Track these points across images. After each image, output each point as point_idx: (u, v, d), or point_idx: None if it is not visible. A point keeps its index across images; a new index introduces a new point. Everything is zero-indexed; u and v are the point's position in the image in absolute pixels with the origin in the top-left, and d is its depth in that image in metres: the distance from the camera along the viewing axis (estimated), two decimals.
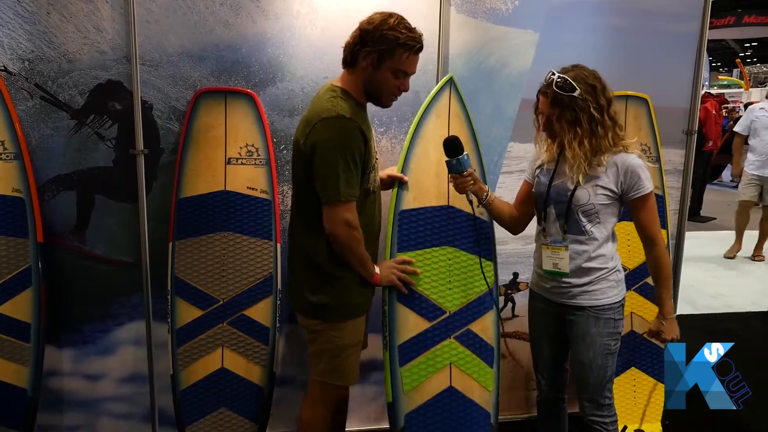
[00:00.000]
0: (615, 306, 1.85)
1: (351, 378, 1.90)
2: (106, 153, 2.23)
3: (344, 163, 1.67)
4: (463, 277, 2.06)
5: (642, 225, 1.85)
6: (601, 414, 1.88)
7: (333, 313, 1.81)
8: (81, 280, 2.28)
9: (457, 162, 1.85)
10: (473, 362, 2.04)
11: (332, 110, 1.68)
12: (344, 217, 1.71)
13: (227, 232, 2.21)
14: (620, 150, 1.78)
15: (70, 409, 2.37)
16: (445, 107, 2.14)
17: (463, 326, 2.05)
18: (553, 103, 1.75)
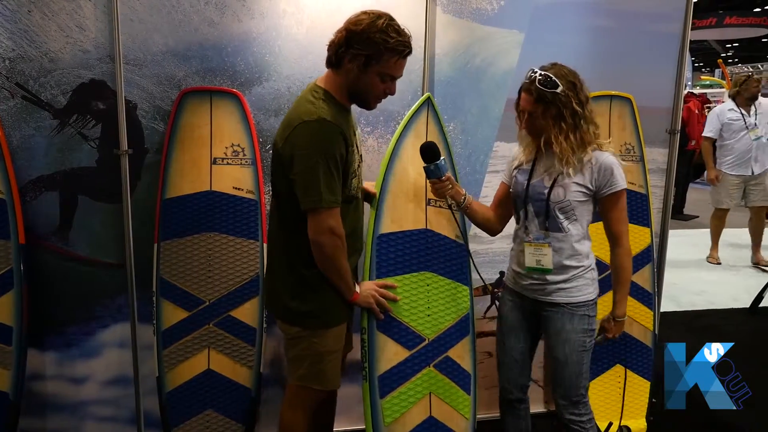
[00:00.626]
0: (589, 303, 1.88)
1: (332, 382, 1.87)
2: (90, 153, 2.20)
3: (326, 168, 1.61)
4: (441, 302, 2.05)
5: (610, 224, 1.87)
6: (577, 412, 1.90)
7: (315, 320, 1.77)
8: (64, 281, 2.25)
9: (435, 167, 1.88)
10: (452, 390, 2.01)
11: (313, 113, 1.63)
12: (328, 224, 1.65)
13: (213, 233, 2.20)
14: (594, 148, 1.82)
15: (53, 412, 2.34)
16: (422, 127, 2.14)
17: (441, 353, 2.02)
18: (537, 100, 1.77)
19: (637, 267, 2.56)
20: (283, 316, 1.81)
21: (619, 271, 1.90)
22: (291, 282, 1.77)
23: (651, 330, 2.58)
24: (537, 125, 1.81)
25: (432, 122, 2.14)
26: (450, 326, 2.03)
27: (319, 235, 1.67)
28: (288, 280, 1.78)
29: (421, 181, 2.06)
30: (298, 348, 1.81)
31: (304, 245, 1.71)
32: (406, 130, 2.11)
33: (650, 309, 2.58)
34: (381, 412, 1.96)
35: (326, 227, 1.66)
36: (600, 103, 2.52)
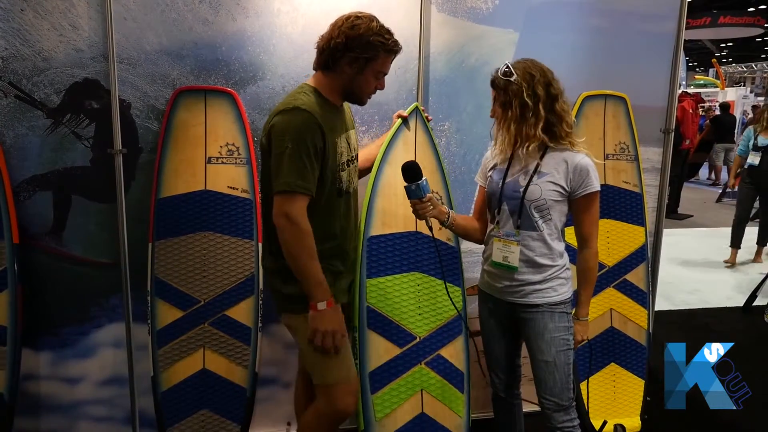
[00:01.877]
0: (566, 301, 1.88)
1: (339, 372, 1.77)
2: (84, 153, 2.19)
3: (295, 153, 1.62)
4: (431, 302, 2.06)
5: (582, 225, 1.88)
6: (568, 418, 1.88)
7: (302, 304, 1.71)
8: (58, 281, 2.25)
9: (417, 187, 1.85)
10: (444, 388, 2.02)
11: (290, 104, 1.68)
12: (285, 209, 1.62)
13: (208, 232, 2.19)
14: (566, 147, 1.82)
15: (48, 413, 2.33)
16: (411, 135, 2.17)
17: (433, 352, 2.04)
18: (492, 85, 1.84)
19: (631, 266, 2.58)
20: (277, 305, 1.82)
21: (587, 272, 1.90)
22: (278, 268, 1.76)
23: (645, 329, 2.59)
24: (495, 114, 1.86)
25: (421, 131, 2.17)
26: (442, 325, 2.04)
27: (276, 218, 1.64)
28: (276, 268, 1.77)
29: None
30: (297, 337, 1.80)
31: None
32: (395, 138, 2.15)
33: (644, 308, 2.59)
34: (372, 407, 1.98)
35: (282, 211, 1.62)
36: (594, 102, 2.53)
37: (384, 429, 1.96)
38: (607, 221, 2.56)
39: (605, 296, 2.55)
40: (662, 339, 3.57)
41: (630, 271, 2.57)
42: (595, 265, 1.91)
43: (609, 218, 2.56)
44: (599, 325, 2.55)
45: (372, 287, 2.03)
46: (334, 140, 1.75)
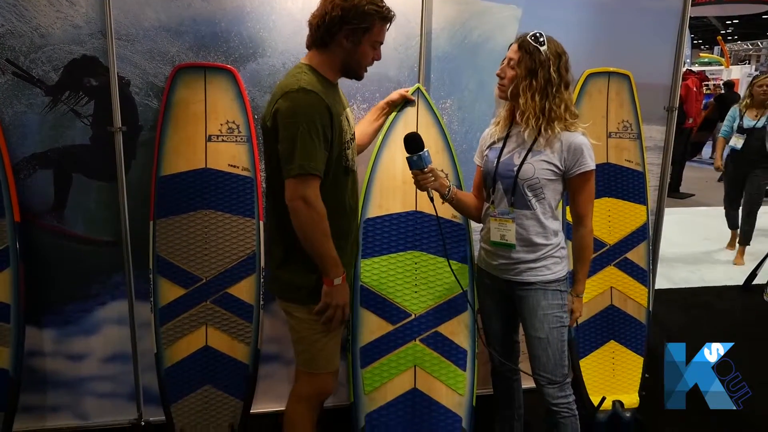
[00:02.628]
0: (561, 279, 1.89)
1: (330, 363, 1.85)
2: (83, 130, 2.18)
3: (306, 135, 1.60)
4: (430, 280, 2.06)
5: (577, 204, 1.87)
6: (564, 395, 1.91)
7: (309, 295, 1.76)
8: (61, 259, 2.25)
9: (418, 158, 1.84)
10: (441, 365, 2.02)
11: (294, 84, 1.65)
12: (302, 192, 1.61)
13: (209, 210, 2.19)
14: (564, 128, 1.81)
15: (53, 389, 2.36)
16: (413, 117, 2.14)
17: (429, 329, 2.03)
18: (520, 47, 1.80)
19: (632, 244, 2.58)
20: (278, 292, 1.81)
21: (582, 250, 1.91)
22: (282, 255, 1.76)
23: (645, 307, 2.60)
24: (511, 75, 1.81)
25: (424, 111, 2.13)
26: (441, 302, 2.04)
27: (291, 201, 1.63)
28: (279, 253, 1.77)
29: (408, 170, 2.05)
30: (297, 329, 1.80)
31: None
32: (396, 120, 2.13)
33: (645, 286, 2.59)
34: (361, 381, 2.00)
35: (298, 194, 1.61)
36: (598, 79, 2.50)
37: (373, 402, 1.98)
38: (608, 200, 2.55)
39: (605, 274, 2.56)
40: (662, 317, 3.60)
41: (631, 250, 2.58)
42: (591, 243, 1.91)
43: (610, 197, 2.55)
44: (599, 303, 2.57)
45: (367, 267, 2.03)
46: (339, 118, 1.74)
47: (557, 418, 1.91)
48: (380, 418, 1.97)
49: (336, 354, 1.87)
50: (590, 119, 2.45)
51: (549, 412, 1.92)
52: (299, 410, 1.85)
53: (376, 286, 2.01)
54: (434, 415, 1.99)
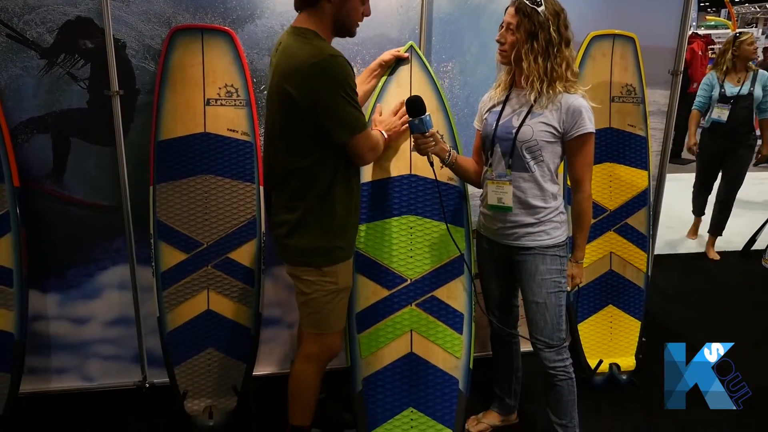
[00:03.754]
0: (560, 244, 1.89)
1: (338, 323, 1.89)
2: (80, 94, 2.15)
3: (347, 98, 1.64)
4: (426, 244, 2.05)
5: (575, 168, 1.85)
6: (560, 358, 1.93)
7: (324, 257, 1.77)
8: (61, 224, 2.26)
9: (420, 122, 1.82)
10: (437, 328, 2.03)
11: (317, 53, 1.61)
12: (367, 145, 1.73)
13: (209, 175, 2.18)
14: (565, 88, 1.79)
15: (58, 352, 2.40)
16: (405, 77, 2.08)
17: (426, 293, 2.04)
18: (517, 11, 1.76)
19: (633, 210, 2.58)
20: (289, 257, 1.82)
21: (580, 216, 1.90)
22: (296, 224, 1.75)
23: (644, 272, 2.62)
24: (511, 40, 1.77)
25: (417, 69, 2.09)
26: (437, 267, 2.03)
27: (363, 159, 1.77)
28: (293, 223, 1.76)
29: (404, 131, 2.04)
30: (308, 292, 1.81)
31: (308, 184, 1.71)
32: (388, 81, 2.08)
33: (644, 251, 2.60)
34: (358, 346, 2.02)
35: (367, 148, 1.74)
36: (602, 42, 2.46)
37: (370, 366, 2.01)
38: (610, 165, 2.54)
39: (605, 240, 2.57)
40: (661, 282, 3.63)
41: (631, 215, 2.58)
42: (589, 209, 1.90)
43: (612, 162, 2.54)
44: (599, 268, 2.58)
45: (361, 233, 2.02)
46: None
47: (554, 381, 1.94)
48: (377, 382, 2.00)
49: (343, 314, 1.90)
50: (593, 83, 2.42)
51: (546, 376, 1.95)
52: (308, 370, 1.88)
53: (371, 252, 2.02)
54: (431, 378, 2.01)
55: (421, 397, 2.00)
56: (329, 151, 1.70)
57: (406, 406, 2.00)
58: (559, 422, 1.98)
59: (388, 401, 2.00)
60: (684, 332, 3.10)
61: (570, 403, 1.96)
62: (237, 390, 2.27)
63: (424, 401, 2.00)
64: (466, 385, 2.03)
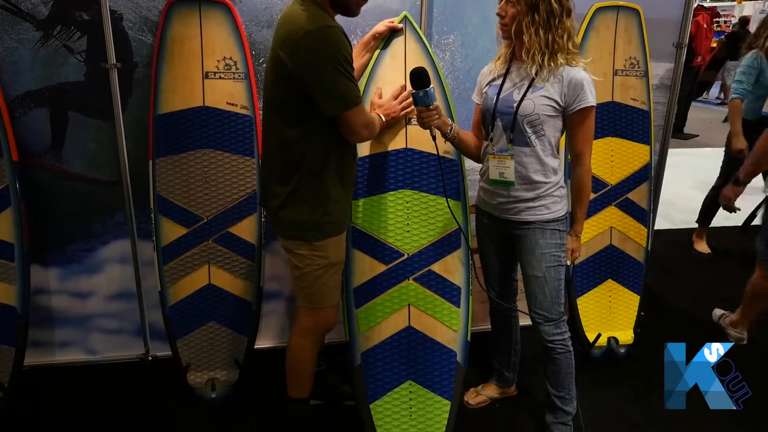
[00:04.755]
0: (560, 219, 1.89)
1: (332, 298, 1.89)
2: (77, 67, 2.13)
3: (343, 71, 1.60)
4: (422, 218, 2.04)
5: (575, 142, 1.84)
6: (559, 332, 1.94)
7: (315, 232, 1.77)
8: (61, 199, 2.26)
9: (425, 94, 1.78)
10: (435, 302, 2.03)
11: (313, 22, 1.58)
12: (361, 120, 1.70)
13: (208, 150, 2.17)
14: (567, 60, 1.77)
15: (61, 325, 2.42)
16: (400, 48, 2.04)
17: (423, 267, 2.03)
18: None
19: (634, 184, 2.57)
20: (282, 230, 1.82)
21: (580, 190, 1.89)
22: (289, 196, 1.75)
23: (644, 247, 2.62)
24: (512, 13, 1.74)
25: (412, 40, 2.04)
26: (434, 241, 2.02)
27: (356, 135, 1.73)
28: (285, 192, 1.75)
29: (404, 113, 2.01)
30: (301, 266, 1.82)
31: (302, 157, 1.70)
32: (382, 54, 2.03)
33: (644, 226, 2.61)
34: (356, 320, 2.03)
35: (360, 124, 1.70)
36: (606, 14, 2.42)
37: (368, 341, 2.02)
38: (611, 139, 2.52)
39: (606, 214, 2.57)
40: (661, 257, 3.64)
41: (632, 190, 2.57)
42: (589, 183, 1.89)
43: (614, 136, 2.52)
44: (599, 243, 2.59)
45: (358, 208, 2.01)
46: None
47: (552, 354, 1.96)
48: (375, 356, 2.02)
49: (337, 288, 1.90)
50: (596, 55, 2.39)
51: (545, 349, 1.97)
52: (303, 343, 1.90)
53: (368, 227, 2.01)
54: (429, 351, 2.03)
55: (419, 370, 2.03)
56: (321, 123, 1.67)
57: (404, 379, 2.02)
58: (556, 394, 2.00)
59: (386, 375, 2.02)
60: (682, 307, 3.12)
61: (568, 376, 1.98)
62: (239, 363, 2.29)
63: (423, 374, 2.02)
64: (464, 357, 2.05)
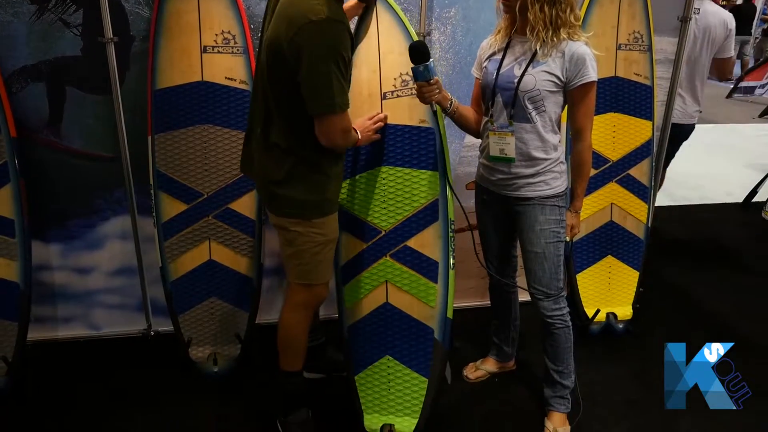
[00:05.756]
0: (559, 195, 1.88)
1: (327, 274, 1.89)
2: (73, 41, 2.10)
3: (337, 71, 1.55)
4: (398, 194, 2.01)
5: (576, 117, 1.82)
6: (558, 307, 1.95)
7: (315, 209, 1.76)
8: (61, 175, 2.25)
9: (425, 68, 1.75)
10: (411, 278, 2.02)
11: (318, 12, 1.51)
12: (341, 126, 1.64)
13: (207, 125, 2.16)
14: (569, 35, 1.74)
15: (63, 301, 2.44)
16: (372, 26, 1.97)
17: (398, 243, 2.02)
18: None
19: (635, 161, 2.56)
20: (276, 208, 1.81)
21: (581, 166, 1.88)
22: (286, 176, 1.73)
23: (644, 223, 2.62)
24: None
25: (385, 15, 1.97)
26: (410, 215, 2.01)
27: (332, 139, 1.65)
28: (281, 171, 1.73)
29: (374, 79, 1.97)
30: (296, 243, 1.81)
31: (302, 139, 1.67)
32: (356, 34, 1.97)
33: (645, 202, 2.60)
34: (343, 295, 2.06)
35: (339, 129, 1.64)
36: None
37: (352, 316, 2.04)
38: (614, 115, 2.50)
39: (607, 191, 2.56)
40: (661, 234, 3.64)
41: (633, 166, 2.56)
42: (589, 159, 1.88)
43: (616, 112, 2.50)
44: (599, 219, 2.59)
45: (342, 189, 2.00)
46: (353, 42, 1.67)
47: (551, 329, 1.97)
48: (358, 331, 2.04)
49: (331, 265, 1.90)
50: (600, 30, 2.36)
51: (543, 324, 1.98)
52: (296, 318, 1.90)
53: (348, 207, 2.00)
54: (405, 327, 2.02)
55: (396, 346, 2.03)
56: None
57: (383, 354, 2.04)
58: (555, 369, 2.02)
59: (367, 349, 2.04)
60: (682, 283, 3.13)
61: (566, 351, 2.00)
62: (240, 338, 2.31)
63: (400, 350, 2.03)
64: (444, 334, 2.01)
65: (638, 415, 2.14)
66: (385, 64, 1.96)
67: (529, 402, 2.20)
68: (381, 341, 2.04)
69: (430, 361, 2.00)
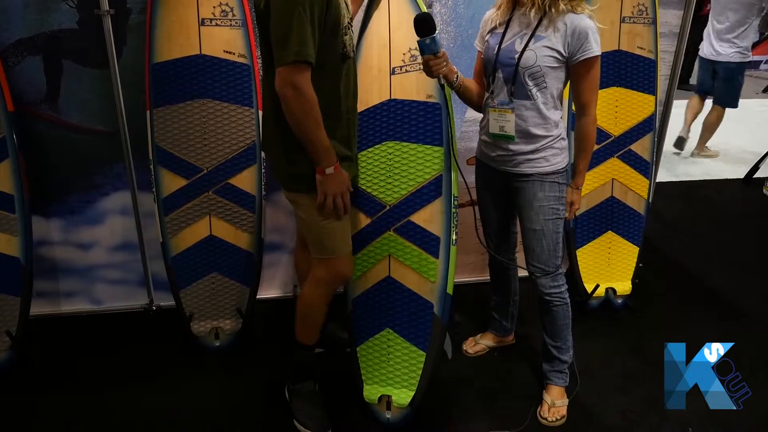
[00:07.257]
0: (560, 171, 1.87)
1: (342, 247, 1.86)
2: (69, 14, 2.07)
3: (302, 20, 1.49)
4: (403, 169, 2.00)
5: (580, 92, 1.80)
6: (556, 284, 1.95)
7: (312, 182, 1.72)
8: (60, 150, 2.24)
9: (432, 41, 1.71)
10: (413, 253, 2.02)
11: None
12: (292, 78, 1.52)
13: (206, 99, 2.14)
14: (570, 9, 1.71)
15: (65, 276, 2.45)
16: None
17: (403, 218, 2.02)
18: None
19: (637, 136, 2.54)
20: (283, 182, 1.80)
21: (584, 140, 1.86)
22: (284, 145, 1.71)
23: (645, 199, 2.62)
24: None
25: None
26: (414, 190, 2.00)
27: (281, 88, 1.55)
28: (281, 143, 1.72)
29: (384, 55, 1.95)
30: (305, 218, 1.80)
31: None
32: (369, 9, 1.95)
33: (646, 178, 2.59)
34: None
35: (289, 81, 1.53)
36: None
37: (357, 289, 2.06)
38: (616, 89, 2.48)
39: (608, 166, 2.55)
40: (662, 209, 3.64)
41: (635, 141, 2.54)
42: (593, 133, 1.87)
43: (619, 86, 2.48)
44: (600, 195, 2.58)
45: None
46: (338, 1, 1.62)
47: (549, 306, 1.98)
48: (361, 304, 2.06)
49: (345, 237, 1.86)
50: (604, 2, 2.32)
51: (542, 301, 1.99)
52: (315, 293, 1.90)
53: (355, 181, 2.00)
54: (406, 301, 2.04)
55: (397, 320, 2.05)
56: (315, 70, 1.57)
57: (383, 327, 2.06)
58: (553, 344, 2.04)
59: (368, 321, 2.07)
60: (682, 259, 3.14)
61: (564, 327, 2.01)
62: (242, 313, 2.33)
63: (400, 323, 2.05)
64: (443, 309, 2.01)
65: (635, 388, 2.17)
66: (394, 38, 1.94)
67: (528, 375, 2.22)
68: (382, 314, 2.06)
69: (429, 336, 2.02)
